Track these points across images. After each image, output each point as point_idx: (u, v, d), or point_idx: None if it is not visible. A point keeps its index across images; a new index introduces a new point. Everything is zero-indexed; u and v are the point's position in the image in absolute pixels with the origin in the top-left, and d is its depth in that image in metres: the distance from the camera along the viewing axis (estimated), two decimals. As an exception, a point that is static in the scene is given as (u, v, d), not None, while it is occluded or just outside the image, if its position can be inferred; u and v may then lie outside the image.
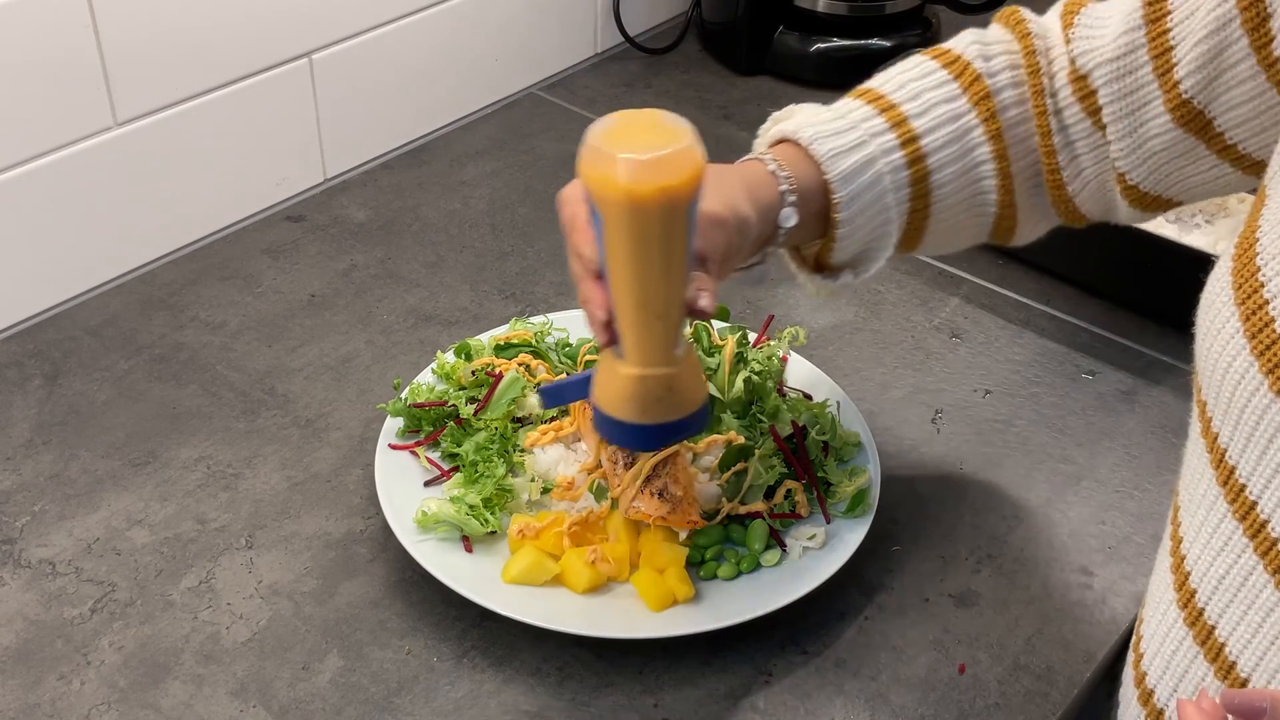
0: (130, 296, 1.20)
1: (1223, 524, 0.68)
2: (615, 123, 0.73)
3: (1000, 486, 1.03)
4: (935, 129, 0.86)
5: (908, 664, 0.89)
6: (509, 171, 1.39)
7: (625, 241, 0.71)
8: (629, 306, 0.73)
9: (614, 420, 0.78)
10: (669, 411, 0.78)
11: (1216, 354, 0.67)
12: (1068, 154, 0.87)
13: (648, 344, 0.75)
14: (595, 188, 0.71)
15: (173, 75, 1.18)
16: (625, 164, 0.69)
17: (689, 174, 0.70)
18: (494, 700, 0.86)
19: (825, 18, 1.55)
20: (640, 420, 0.77)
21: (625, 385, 0.76)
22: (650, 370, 0.76)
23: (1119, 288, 1.21)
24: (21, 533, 0.97)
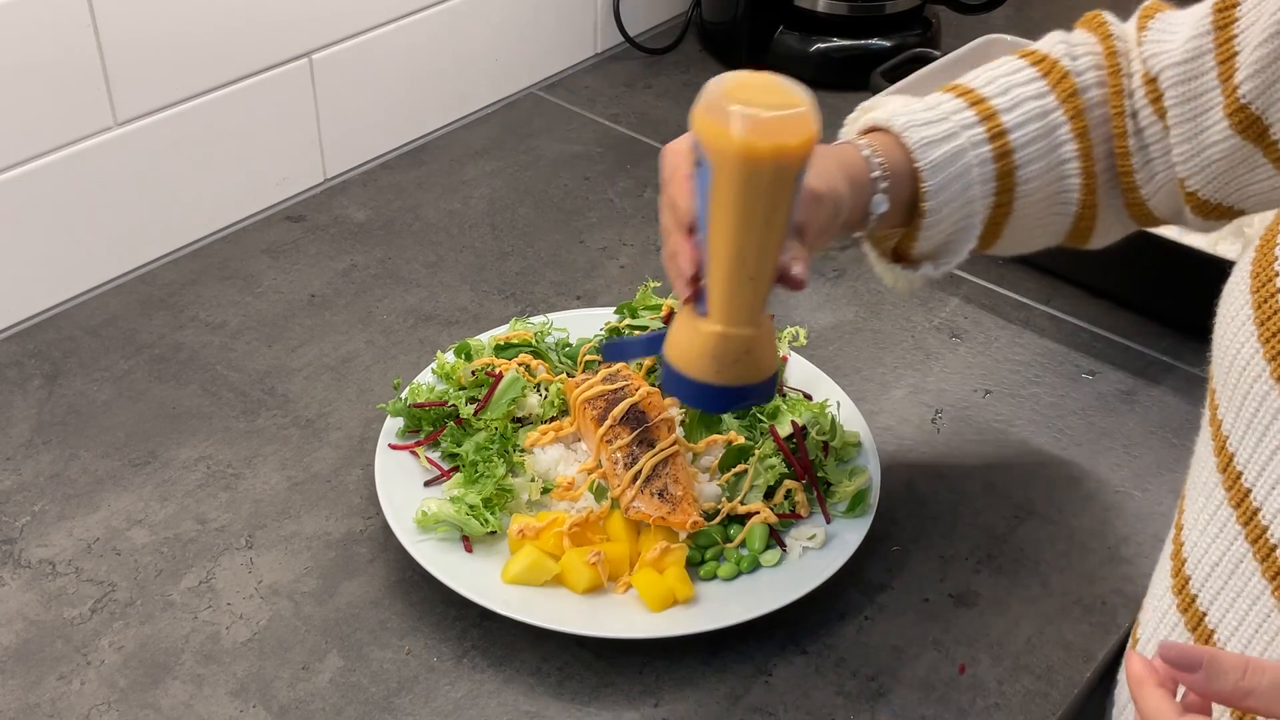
0: (130, 296, 1.20)
1: (1219, 511, 0.69)
2: (735, 80, 0.72)
3: (1000, 486, 1.03)
4: (1024, 124, 0.87)
5: (908, 664, 0.89)
6: (509, 171, 1.39)
7: (733, 197, 0.70)
8: (724, 262, 0.73)
9: (685, 378, 0.77)
10: (744, 375, 0.77)
11: (1228, 340, 0.68)
12: (1141, 156, 0.87)
13: (736, 303, 0.74)
14: (710, 140, 0.70)
15: (173, 75, 1.18)
16: (745, 119, 0.69)
17: (804, 137, 0.70)
18: (494, 700, 0.86)
19: (825, 18, 1.55)
20: (714, 380, 0.76)
21: (706, 342, 0.75)
22: (734, 330, 0.75)
23: (1119, 288, 1.21)
24: (21, 533, 0.97)
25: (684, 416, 1.00)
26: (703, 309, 0.76)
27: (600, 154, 1.43)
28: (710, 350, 0.76)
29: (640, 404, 0.97)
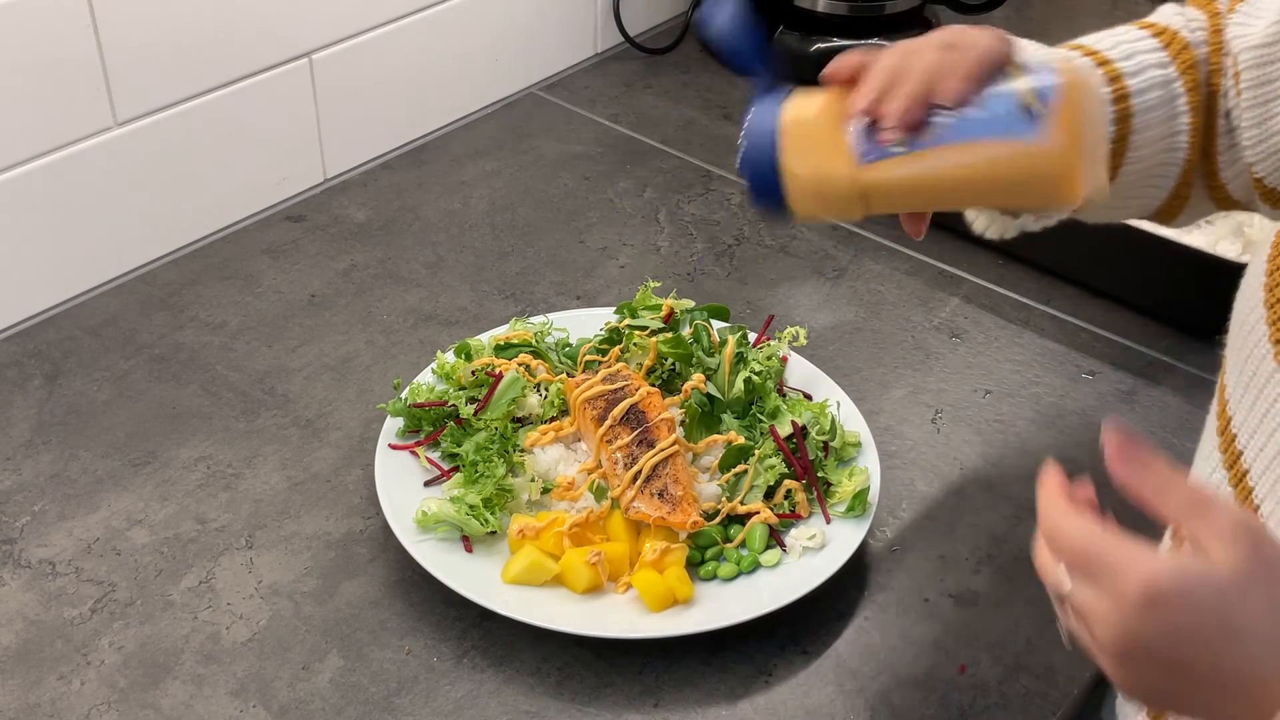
0: (130, 296, 1.20)
1: (1212, 476, 0.69)
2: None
3: (1000, 486, 1.03)
4: (1146, 90, 0.85)
5: (908, 664, 0.89)
6: (509, 171, 1.39)
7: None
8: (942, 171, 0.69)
9: (775, 176, 0.70)
10: (839, 209, 0.71)
11: (1242, 308, 0.68)
12: (1228, 139, 0.86)
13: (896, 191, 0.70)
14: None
15: (173, 75, 1.18)
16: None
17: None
18: (494, 700, 0.86)
19: (825, 18, 1.55)
20: (806, 209, 0.71)
21: (840, 178, 0.69)
22: (875, 196, 0.69)
23: (1119, 288, 1.21)
24: (21, 533, 0.97)
25: (684, 417, 1.00)
26: (869, 153, 0.68)
27: (600, 154, 1.43)
28: (837, 190, 0.69)
29: (640, 404, 0.97)
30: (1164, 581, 0.54)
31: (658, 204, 1.35)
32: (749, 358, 1.03)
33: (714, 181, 1.39)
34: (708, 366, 1.02)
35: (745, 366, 1.02)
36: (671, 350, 1.03)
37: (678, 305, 1.09)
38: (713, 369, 1.02)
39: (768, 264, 1.27)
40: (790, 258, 1.28)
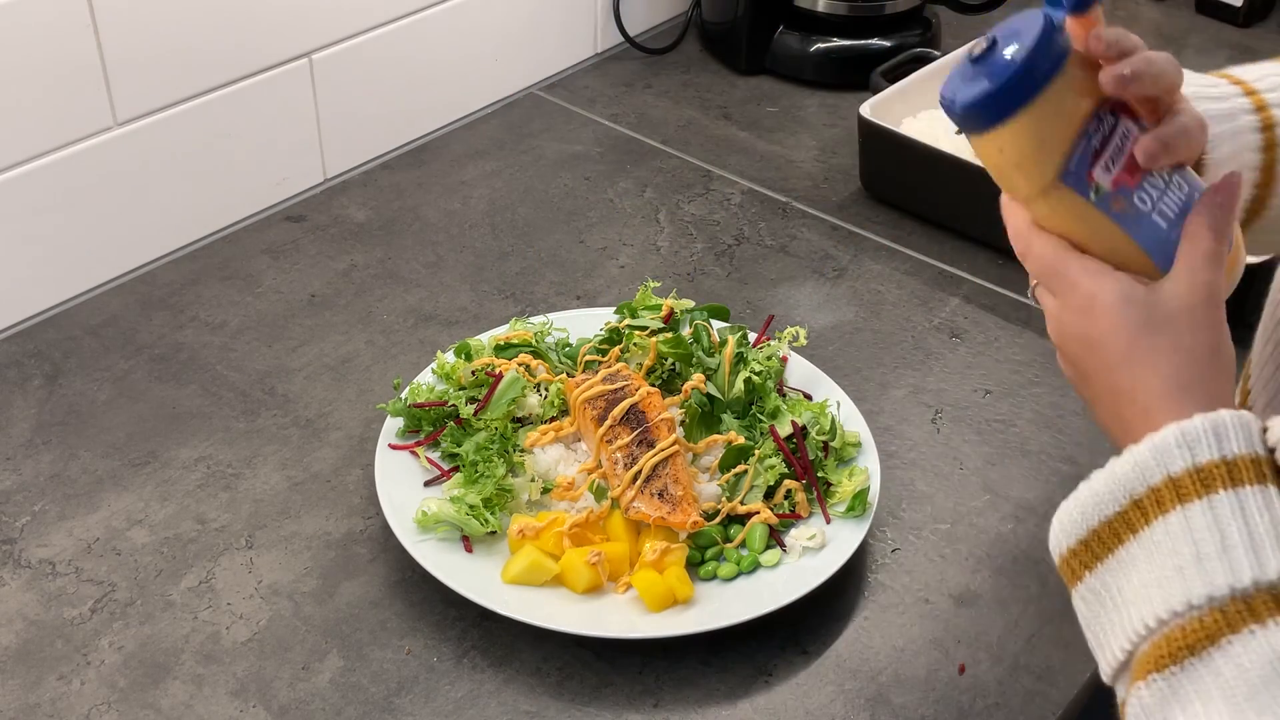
0: (130, 296, 1.20)
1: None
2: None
3: (1000, 486, 1.03)
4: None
5: (908, 664, 0.89)
6: (509, 171, 1.39)
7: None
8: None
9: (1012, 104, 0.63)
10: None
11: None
12: None
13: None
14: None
15: (173, 75, 1.18)
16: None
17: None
18: (494, 700, 0.86)
19: (825, 18, 1.55)
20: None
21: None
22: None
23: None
24: (21, 533, 0.97)
25: (684, 417, 1.00)
26: (1070, 178, 0.64)
27: (600, 154, 1.43)
28: (1022, 179, 0.66)
29: (640, 404, 0.97)
30: (1104, 299, 0.63)
31: (658, 204, 1.35)
32: (749, 358, 1.03)
33: (714, 181, 1.39)
34: (708, 366, 1.02)
35: (745, 366, 1.02)
36: (671, 350, 1.03)
37: (678, 305, 1.09)
38: (713, 369, 1.02)
39: (768, 264, 1.27)
40: (790, 258, 1.28)
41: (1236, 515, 0.58)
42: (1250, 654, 0.56)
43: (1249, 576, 0.57)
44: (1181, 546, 0.59)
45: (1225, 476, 0.59)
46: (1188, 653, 0.57)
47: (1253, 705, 0.55)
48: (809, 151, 1.44)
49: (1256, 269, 1.10)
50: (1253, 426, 0.61)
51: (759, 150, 1.44)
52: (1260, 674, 0.55)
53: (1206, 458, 0.60)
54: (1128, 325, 0.63)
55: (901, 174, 1.33)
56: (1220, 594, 0.57)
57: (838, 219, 1.33)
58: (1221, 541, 0.58)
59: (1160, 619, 0.58)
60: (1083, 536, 0.64)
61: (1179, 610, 0.58)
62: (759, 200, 1.36)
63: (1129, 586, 0.61)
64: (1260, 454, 0.60)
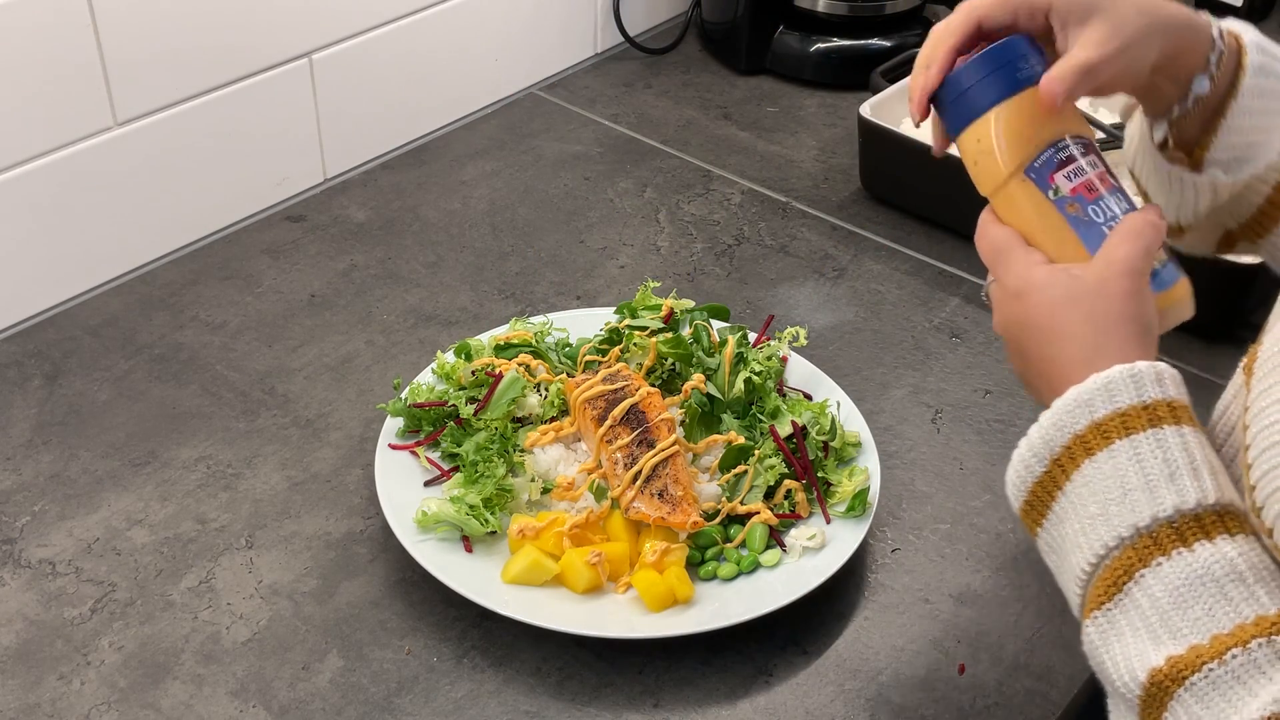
0: (130, 296, 1.20)
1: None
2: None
3: (1000, 486, 1.02)
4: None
5: (908, 664, 0.89)
6: (509, 171, 1.39)
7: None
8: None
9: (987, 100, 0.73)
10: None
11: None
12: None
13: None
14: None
15: (173, 75, 1.18)
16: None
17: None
18: (494, 700, 0.86)
19: (825, 18, 1.55)
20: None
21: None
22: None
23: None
24: (21, 533, 0.97)
25: (684, 417, 1.00)
26: (1034, 172, 0.72)
27: (600, 154, 1.43)
28: (991, 167, 0.73)
29: (640, 404, 0.97)
30: (1033, 282, 0.69)
31: (658, 204, 1.35)
32: (749, 358, 1.03)
33: (714, 181, 1.39)
34: (708, 366, 1.02)
35: (745, 366, 1.02)
36: (671, 350, 1.03)
37: (678, 305, 1.09)
38: (713, 369, 1.02)
39: (768, 264, 1.27)
40: (790, 258, 1.28)
41: (1132, 461, 0.63)
42: (1159, 583, 0.61)
43: (1148, 514, 0.62)
44: (1095, 495, 0.64)
45: (1120, 427, 0.64)
46: (1114, 589, 0.62)
47: (1166, 630, 0.60)
48: (809, 151, 1.44)
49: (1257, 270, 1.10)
50: (1167, 377, 0.66)
51: (759, 150, 1.44)
52: (1169, 600, 0.60)
53: (1103, 412, 0.64)
54: (1050, 301, 0.69)
55: (901, 174, 1.33)
56: (1128, 533, 0.62)
57: (838, 219, 1.33)
58: (1122, 486, 0.63)
59: (1090, 563, 0.63)
60: (1025, 497, 0.68)
61: (1101, 553, 0.63)
62: (759, 200, 1.36)
63: (1067, 538, 0.65)
64: (1155, 398, 0.65)
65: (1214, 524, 0.62)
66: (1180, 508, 0.62)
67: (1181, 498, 0.62)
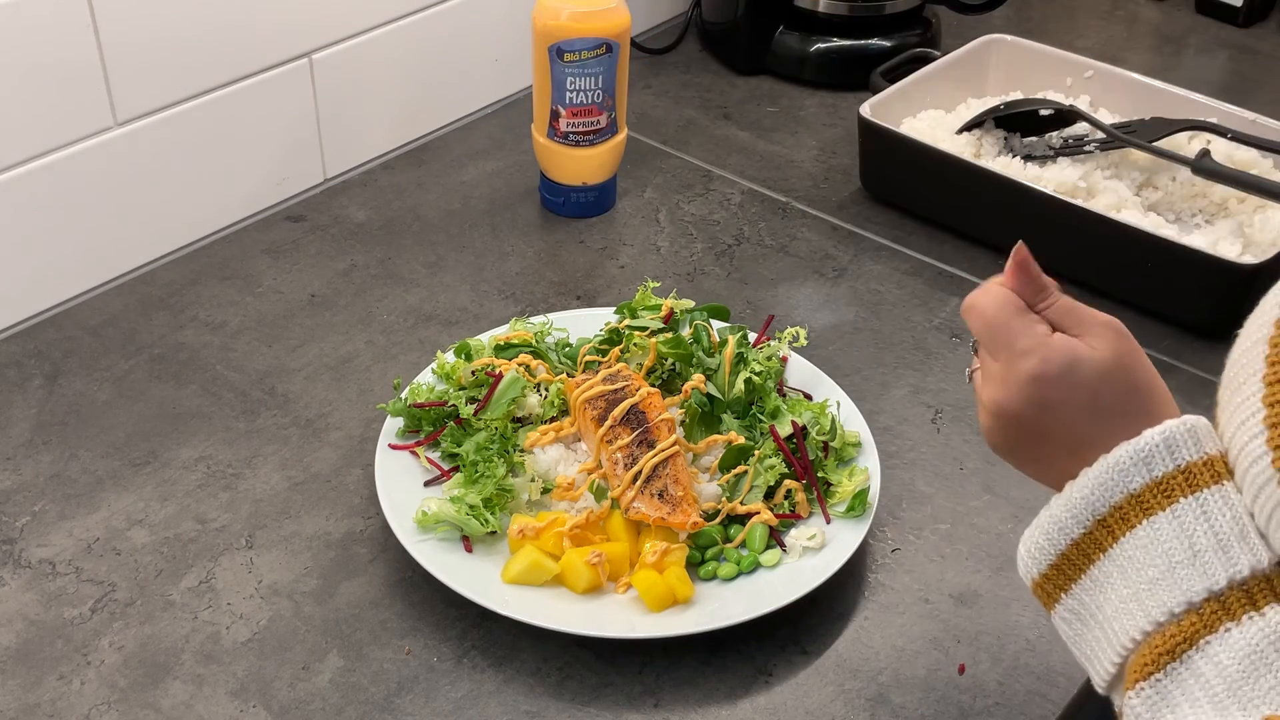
0: (130, 296, 1.20)
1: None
2: None
3: (1000, 486, 1.03)
4: None
5: (908, 664, 0.89)
6: (509, 171, 1.39)
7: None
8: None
9: None
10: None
11: (1234, 389, 0.64)
12: None
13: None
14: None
15: (173, 75, 1.18)
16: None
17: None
18: (494, 700, 0.86)
19: (825, 18, 1.55)
20: None
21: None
22: None
23: (1119, 288, 1.21)
24: (21, 533, 0.97)
25: (684, 417, 1.00)
26: None
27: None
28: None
29: (640, 404, 0.97)
30: (1053, 363, 0.65)
31: (658, 204, 1.35)
32: (749, 358, 1.03)
33: (714, 181, 1.39)
34: (708, 366, 1.02)
35: (745, 366, 1.02)
36: (671, 350, 1.03)
37: (678, 305, 1.09)
38: (713, 369, 1.02)
39: (768, 264, 1.27)
40: (790, 258, 1.28)
41: (1200, 520, 0.60)
42: (1227, 651, 0.57)
43: (1222, 576, 0.58)
44: (1154, 558, 0.60)
45: (1184, 484, 0.60)
46: (1170, 658, 0.58)
47: (1234, 700, 0.56)
48: (809, 151, 1.44)
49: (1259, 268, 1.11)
50: (1200, 430, 0.62)
51: (759, 150, 1.44)
52: (1238, 668, 0.57)
53: (1163, 470, 0.61)
54: (1087, 383, 0.65)
55: (901, 174, 1.33)
56: (1198, 598, 0.59)
57: (838, 219, 1.33)
58: (1191, 548, 0.59)
59: (1144, 630, 0.60)
60: (1053, 561, 0.65)
61: (1161, 620, 0.59)
62: (759, 200, 1.36)
63: (1108, 603, 0.62)
64: (1212, 453, 0.61)
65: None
66: (1255, 567, 0.58)
67: (1255, 557, 0.58)
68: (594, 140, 1.28)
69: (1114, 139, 1.27)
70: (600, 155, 1.29)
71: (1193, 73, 1.65)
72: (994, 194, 1.25)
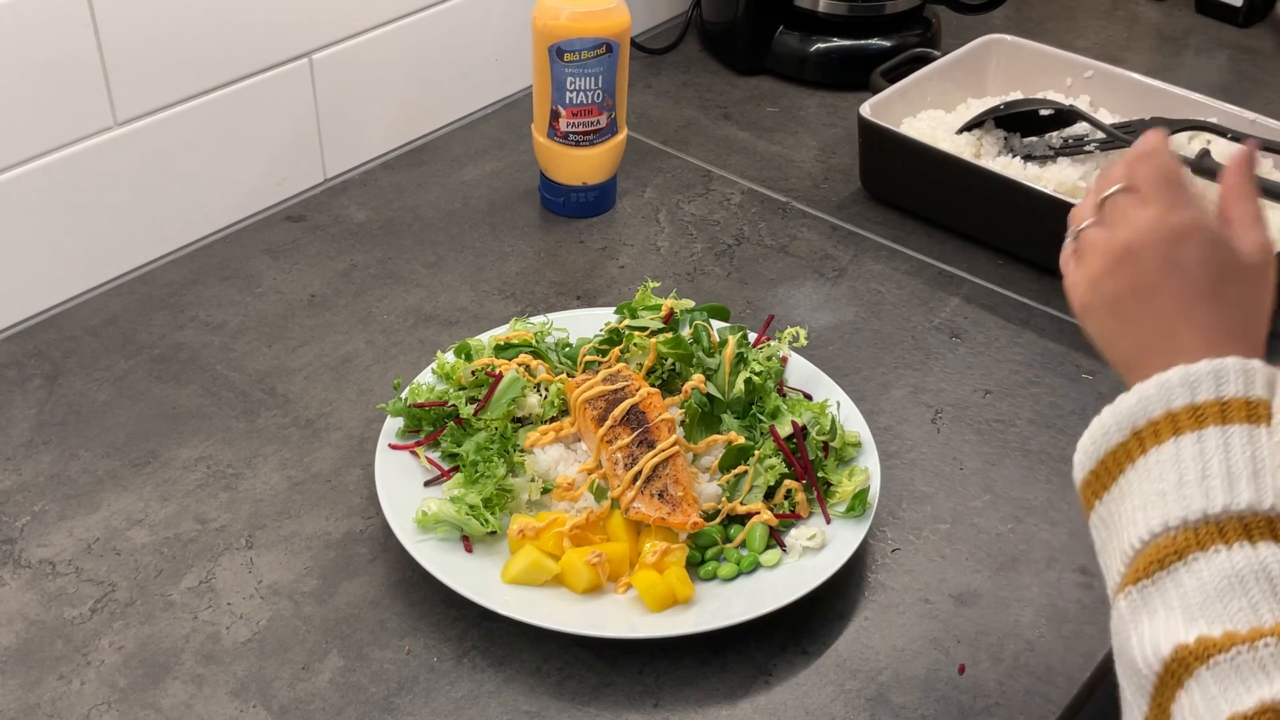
0: (130, 296, 1.20)
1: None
2: None
3: (1000, 486, 1.03)
4: None
5: (908, 664, 0.89)
6: (509, 171, 1.39)
7: None
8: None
9: None
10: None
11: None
12: None
13: None
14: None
15: (173, 75, 1.18)
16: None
17: None
18: (494, 700, 0.86)
19: (825, 18, 1.55)
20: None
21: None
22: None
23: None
24: (21, 533, 0.97)
25: (684, 417, 1.00)
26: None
27: (600, 154, 1.43)
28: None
29: (640, 404, 0.97)
30: (1208, 226, 0.68)
31: (658, 204, 1.35)
32: (749, 358, 1.03)
33: (714, 181, 1.39)
34: (708, 366, 1.02)
35: (745, 366, 1.02)
36: (671, 350, 1.03)
37: (678, 305, 1.09)
38: (713, 369, 1.02)
39: (768, 264, 1.27)
40: (790, 258, 1.28)
41: (1219, 449, 0.63)
42: (1210, 569, 0.61)
43: (1220, 503, 0.62)
44: (1168, 473, 0.63)
45: (1218, 414, 0.64)
46: (1158, 567, 0.62)
47: (1204, 613, 0.59)
48: (809, 151, 1.44)
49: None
50: (1253, 372, 0.65)
51: (759, 150, 1.44)
52: (1216, 586, 0.60)
53: (1205, 397, 0.64)
54: (1216, 264, 0.68)
55: (901, 174, 1.33)
56: (1194, 517, 0.62)
57: (838, 219, 1.33)
58: (1202, 470, 0.63)
59: (1142, 539, 0.63)
60: (1093, 466, 0.68)
61: (1157, 530, 0.63)
62: (759, 200, 1.36)
63: (1124, 511, 0.65)
64: (1259, 396, 0.64)
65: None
66: (1255, 506, 0.61)
67: (1258, 496, 0.62)
68: (594, 140, 1.28)
69: (1114, 139, 1.27)
70: (600, 155, 1.29)
71: (1193, 73, 1.65)
72: (994, 194, 1.25)
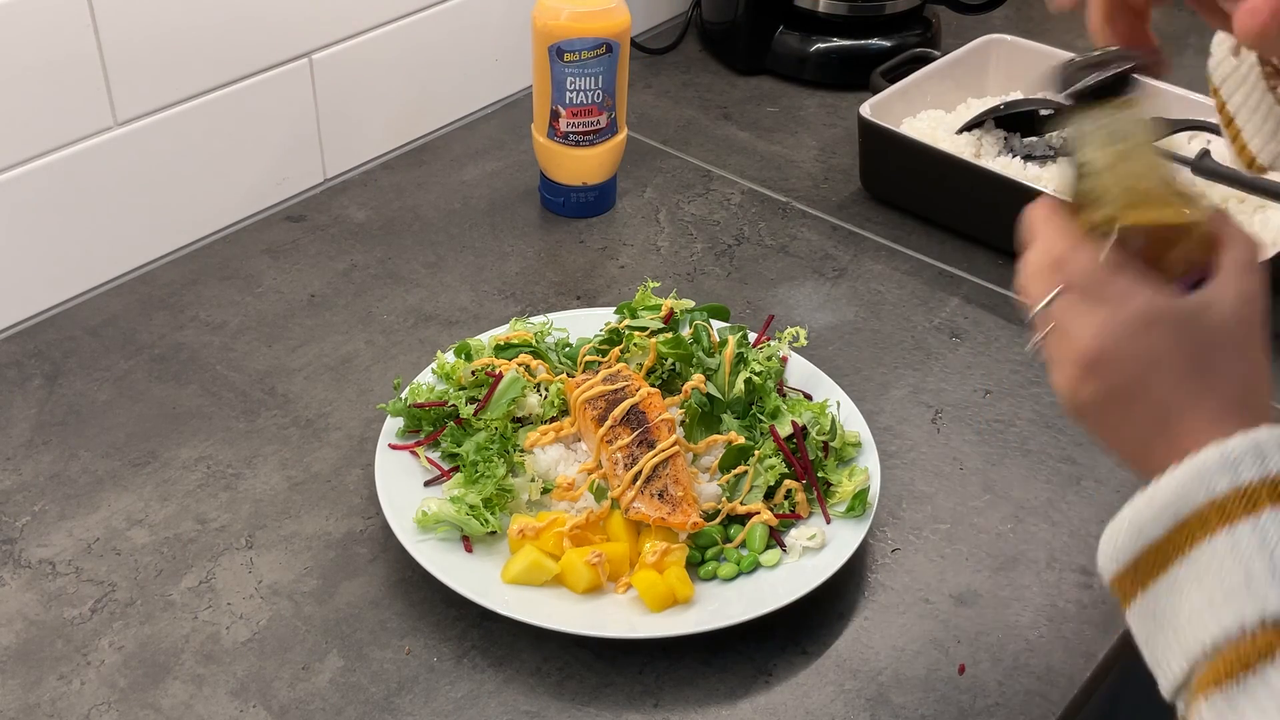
0: (130, 296, 1.20)
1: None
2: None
3: (1000, 486, 1.03)
4: None
5: (908, 664, 0.89)
6: (509, 171, 1.39)
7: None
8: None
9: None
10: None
11: None
12: None
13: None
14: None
15: (173, 75, 1.18)
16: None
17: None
18: (494, 700, 0.86)
19: (825, 18, 1.55)
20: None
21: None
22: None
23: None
24: (21, 533, 0.97)
25: (684, 417, 1.00)
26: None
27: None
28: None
29: (640, 404, 0.97)
30: (1165, 305, 0.62)
31: (658, 204, 1.35)
32: (749, 358, 1.03)
33: (714, 181, 1.39)
34: (708, 367, 1.02)
35: (745, 367, 1.02)
36: (671, 350, 1.03)
37: (678, 305, 1.09)
38: (713, 369, 1.02)
39: (768, 264, 1.27)
40: (790, 258, 1.28)
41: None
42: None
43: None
44: (1231, 568, 0.59)
45: (1270, 494, 0.59)
46: (1243, 669, 0.57)
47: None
48: (809, 151, 1.44)
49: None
50: None
51: (759, 150, 1.44)
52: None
53: (1248, 478, 0.59)
54: (1192, 342, 0.62)
55: (901, 174, 1.33)
56: (1273, 613, 0.58)
57: (838, 219, 1.33)
58: (1271, 561, 0.58)
59: (1215, 639, 0.59)
60: (1130, 560, 0.63)
61: (1233, 632, 0.58)
62: (759, 200, 1.36)
63: (1182, 609, 0.61)
64: None
65: None
66: None
67: None
68: (594, 140, 1.28)
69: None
70: (600, 155, 1.29)
71: (1193, 73, 1.65)
72: (994, 194, 1.25)
